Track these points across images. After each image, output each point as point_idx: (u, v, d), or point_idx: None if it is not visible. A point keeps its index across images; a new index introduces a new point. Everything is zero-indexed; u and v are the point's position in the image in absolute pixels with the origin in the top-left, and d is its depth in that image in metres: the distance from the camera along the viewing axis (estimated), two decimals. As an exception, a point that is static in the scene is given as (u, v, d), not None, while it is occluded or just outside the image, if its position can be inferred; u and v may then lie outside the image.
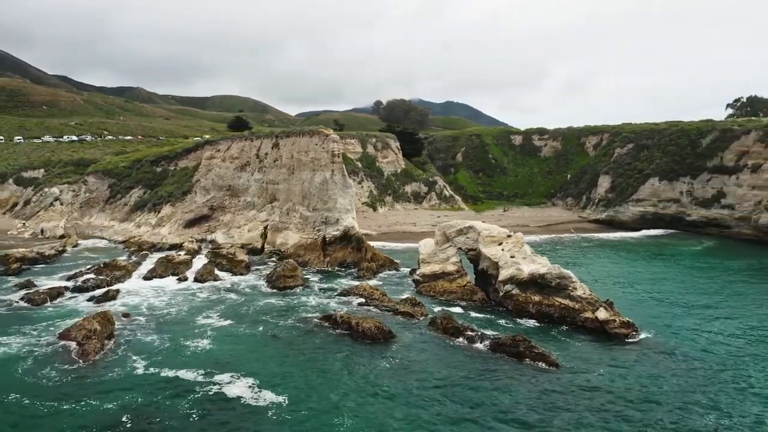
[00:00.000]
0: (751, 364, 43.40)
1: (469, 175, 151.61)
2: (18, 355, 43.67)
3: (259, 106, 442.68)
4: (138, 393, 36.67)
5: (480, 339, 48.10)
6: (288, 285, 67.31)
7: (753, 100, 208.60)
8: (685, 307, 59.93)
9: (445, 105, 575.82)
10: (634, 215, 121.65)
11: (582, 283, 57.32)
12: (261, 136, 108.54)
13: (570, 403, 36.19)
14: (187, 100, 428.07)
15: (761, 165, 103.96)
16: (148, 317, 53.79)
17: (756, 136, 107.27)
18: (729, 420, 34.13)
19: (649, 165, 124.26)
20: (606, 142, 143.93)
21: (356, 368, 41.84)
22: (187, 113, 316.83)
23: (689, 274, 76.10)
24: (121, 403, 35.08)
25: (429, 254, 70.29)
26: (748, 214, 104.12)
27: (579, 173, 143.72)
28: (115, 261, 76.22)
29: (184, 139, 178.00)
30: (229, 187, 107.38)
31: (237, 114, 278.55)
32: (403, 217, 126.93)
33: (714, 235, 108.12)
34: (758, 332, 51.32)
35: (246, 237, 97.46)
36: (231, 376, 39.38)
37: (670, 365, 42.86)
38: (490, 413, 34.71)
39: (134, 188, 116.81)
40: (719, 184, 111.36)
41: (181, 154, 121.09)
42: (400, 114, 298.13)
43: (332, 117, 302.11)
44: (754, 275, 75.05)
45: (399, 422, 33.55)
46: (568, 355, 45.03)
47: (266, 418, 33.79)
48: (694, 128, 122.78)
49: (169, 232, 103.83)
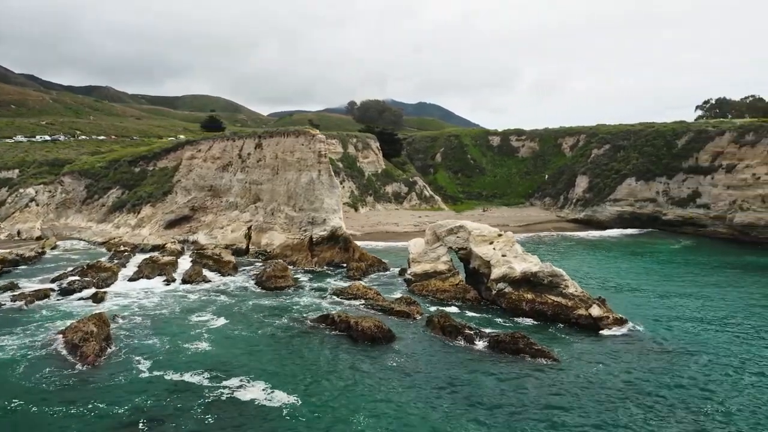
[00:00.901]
0: (738, 351, 45.47)
1: (448, 176, 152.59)
2: (13, 358, 42.76)
3: (231, 105, 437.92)
4: (148, 396, 36.13)
5: (479, 337, 48.48)
6: (279, 285, 66.96)
7: (722, 101, 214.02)
8: (671, 302, 61.47)
9: (418, 106, 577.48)
10: (611, 215, 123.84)
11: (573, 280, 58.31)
12: (243, 136, 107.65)
13: (574, 396, 36.88)
14: (157, 100, 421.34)
15: (735, 165, 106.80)
16: (142, 319, 52.99)
17: (730, 137, 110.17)
18: (724, 406, 35.53)
19: (625, 165, 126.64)
20: (583, 143, 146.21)
21: (363, 368, 41.90)
22: (158, 113, 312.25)
23: (671, 271, 77.83)
24: (132, 407, 34.53)
25: (419, 254, 70.60)
26: (724, 213, 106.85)
27: (556, 173, 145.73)
28: (99, 262, 74.90)
29: (158, 139, 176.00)
30: (210, 187, 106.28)
31: (210, 114, 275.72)
32: (384, 217, 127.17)
33: (690, 234, 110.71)
34: (740, 323, 53.40)
35: (229, 238, 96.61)
36: (240, 379, 39.07)
37: (664, 357, 44.02)
38: (500, 410, 35.11)
39: (112, 189, 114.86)
40: (695, 184, 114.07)
41: (159, 154, 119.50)
42: (375, 114, 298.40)
43: (306, 117, 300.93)
44: (733, 272, 77.07)
45: (413, 420, 33.71)
46: (567, 350, 45.78)
47: (283, 419, 33.64)
48: (669, 129, 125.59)
49: (149, 233, 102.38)
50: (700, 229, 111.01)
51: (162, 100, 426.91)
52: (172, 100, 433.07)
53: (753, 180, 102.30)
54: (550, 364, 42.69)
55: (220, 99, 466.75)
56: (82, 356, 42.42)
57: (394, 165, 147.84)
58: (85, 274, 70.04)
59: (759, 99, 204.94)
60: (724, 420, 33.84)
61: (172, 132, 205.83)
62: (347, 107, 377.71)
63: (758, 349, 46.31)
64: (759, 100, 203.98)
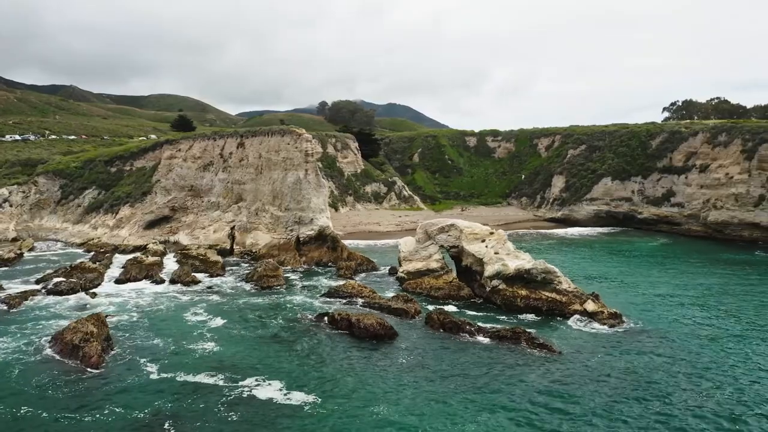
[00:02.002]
0: (724, 339, 48.08)
1: (426, 176, 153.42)
2: (9, 362, 41.45)
3: (199, 105, 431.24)
4: (165, 397, 35.73)
5: (480, 333, 49.13)
6: (271, 284, 66.62)
7: (688, 103, 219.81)
8: (658, 296, 63.31)
9: (388, 107, 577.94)
10: (588, 213, 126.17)
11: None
12: (225, 135, 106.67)
13: (580, 386, 37.90)
14: (123, 99, 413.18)
15: (709, 165, 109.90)
16: (139, 319, 52.19)
17: (703, 138, 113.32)
18: (719, 393, 37.19)
19: (601, 165, 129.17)
20: (558, 143, 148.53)
21: (372, 363, 42.17)
22: (125, 112, 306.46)
23: (653, 267, 79.82)
24: (152, 409, 34.04)
25: (410, 252, 71.01)
26: (697, 211, 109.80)
27: (533, 174, 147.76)
28: (83, 263, 73.38)
29: (128, 139, 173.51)
30: (191, 187, 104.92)
31: (180, 113, 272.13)
32: (365, 217, 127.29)
33: (665, 232, 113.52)
34: (724, 314, 56.04)
35: (212, 238, 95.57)
36: (256, 378, 38.82)
37: (658, 348, 45.57)
38: (508, 399, 35.92)
39: (88, 189, 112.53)
40: (669, 184, 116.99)
41: (137, 154, 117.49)
42: (346, 115, 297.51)
43: (277, 117, 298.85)
44: (711, 268, 79.47)
45: (428, 411, 34.13)
46: (566, 343, 46.71)
47: (307, 416, 33.73)
48: (643, 130, 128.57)
49: (129, 234, 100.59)
50: (674, 227, 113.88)
51: (128, 99, 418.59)
52: (138, 100, 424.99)
53: (726, 179, 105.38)
54: (552, 356, 43.56)
55: (188, 98, 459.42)
56: (85, 357, 41.55)
57: (373, 165, 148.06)
58: (70, 275, 68.54)
59: (724, 101, 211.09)
60: (720, 401, 35.85)
61: (141, 132, 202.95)
62: (318, 107, 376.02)
63: (743, 337, 48.96)
64: (724, 102, 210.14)
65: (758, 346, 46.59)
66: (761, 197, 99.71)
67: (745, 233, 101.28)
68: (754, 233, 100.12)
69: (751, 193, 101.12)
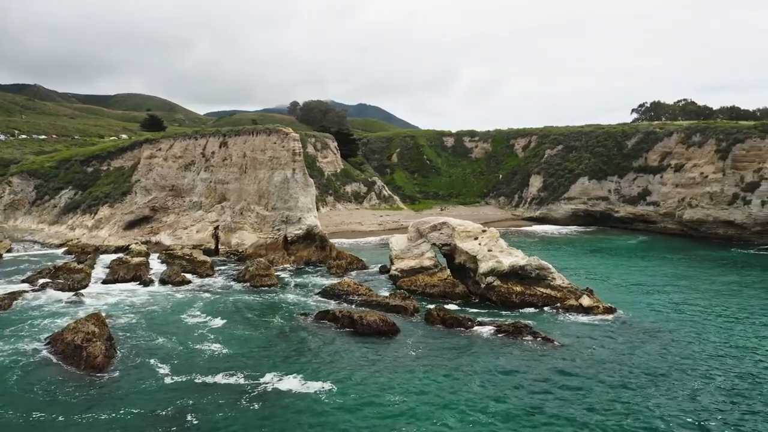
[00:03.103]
0: (711, 328, 50.74)
1: (405, 176, 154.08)
2: (8, 365, 40.30)
3: (167, 105, 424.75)
4: (184, 394, 35.59)
5: (481, 327, 49.79)
6: (264, 283, 66.25)
7: (656, 105, 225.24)
8: (645, 291, 65.35)
9: (358, 107, 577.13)
10: (566, 212, 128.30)
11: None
12: (206, 134, 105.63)
13: (585, 376, 39.09)
14: (88, 99, 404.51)
15: (684, 165, 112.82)
16: (137, 320, 51.37)
17: (678, 138, 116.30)
18: (710, 379, 39.08)
19: (578, 165, 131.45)
20: (534, 143, 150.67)
21: (381, 357, 42.71)
22: (92, 112, 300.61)
23: (636, 264, 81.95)
24: (173, 406, 33.88)
25: (402, 250, 71.35)
26: (673, 210, 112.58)
27: (510, 173, 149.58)
28: (67, 264, 71.95)
29: (99, 138, 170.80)
30: (172, 187, 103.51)
31: (150, 113, 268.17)
32: (346, 216, 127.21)
33: (642, 230, 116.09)
34: (708, 306, 58.44)
35: (195, 238, 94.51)
36: (270, 374, 38.86)
37: (655, 339, 47.28)
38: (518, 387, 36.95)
39: (64, 189, 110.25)
40: (644, 183, 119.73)
41: (114, 154, 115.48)
42: (318, 115, 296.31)
43: (247, 117, 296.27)
44: (690, 264, 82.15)
45: (442, 401, 34.85)
46: (567, 336, 47.75)
47: (325, 404, 34.42)
48: (619, 131, 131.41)
49: (109, 235, 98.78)
50: (650, 225, 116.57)
51: (94, 99, 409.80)
52: (104, 99, 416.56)
53: (701, 178, 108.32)
54: (556, 348, 44.62)
55: (155, 98, 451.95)
56: (89, 358, 40.76)
57: (352, 165, 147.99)
58: (56, 276, 67.12)
59: (691, 102, 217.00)
60: (717, 386, 37.83)
61: (111, 132, 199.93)
62: (290, 107, 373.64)
63: (728, 326, 51.58)
64: (691, 104, 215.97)
65: (746, 333, 49.35)
66: (735, 196, 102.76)
67: (720, 231, 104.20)
68: (728, 231, 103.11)
69: (726, 192, 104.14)
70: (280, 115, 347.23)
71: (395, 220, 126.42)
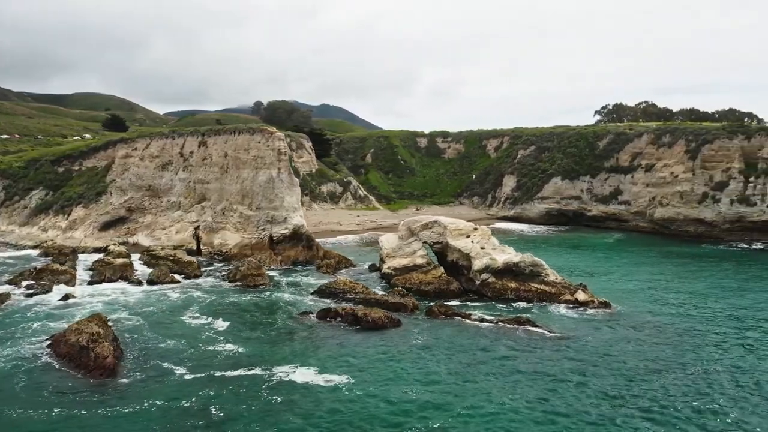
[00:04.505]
0: (699, 319, 52.92)
1: (380, 176, 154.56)
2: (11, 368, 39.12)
3: (125, 104, 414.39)
4: (203, 389, 35.55)
5: (482, 322, 50.62)
6: (257, 283, 65.68)
7: (618, 107, 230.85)
8: (628, 284, 67.81)
9: (321, 108, 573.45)
10: (540, 212, 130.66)
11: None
12: (184, 133, 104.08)
13: (589, 365, 40.48)
14: (45, 98, 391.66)
15: (654, 165, 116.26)
16: (137, 320, 50.41)
17: (648, 139, 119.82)
18: (708, 365, 40.95)
19: (551, 165, 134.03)
20: (506, 144, 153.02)
21: (390, 348, 43.86)
22: (51, 111, 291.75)
23: (615, 259, 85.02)
24: (195, 399, 33.85)
25: (393, 249, 71.69)
26: (644, 209, 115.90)
27: (483, 173, 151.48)
28: (50, 265, 69.98)
29: (62, 138, 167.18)
30: (149, 187, 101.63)
31: (111, 113, 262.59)
32: (323, 216, 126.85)
33: (614, 229, 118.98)
34: (691, 298, 61.18)
35: (176, 239, 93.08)
36: (287, 367, 39.13)
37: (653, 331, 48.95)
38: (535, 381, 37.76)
39: (34, 190, 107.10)
40: (616, 183, 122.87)
41: (87, 153, 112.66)
42: (283, 115, 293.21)
43: (210, 117, 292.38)
44: (668, 259, 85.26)
45: (456, 388, 35.82)
46: (566, 329, 49.13)
47: (344, 393, 35.20)
48: (590, 132, 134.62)
49: (84, 236, 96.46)
50: (622, 224, 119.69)
51: (50, 98, 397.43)
52: (61, 99, 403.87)
53: (671, 178, 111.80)
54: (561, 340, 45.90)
55: (113, 97, 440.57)
56: (98, 359, 39.83)
57: (326, 165, 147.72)
58: (40, 278, 65.29)
59: (651, 105, 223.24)
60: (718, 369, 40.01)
61: (73, 131, 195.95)
62: (254, 107, 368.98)
63: (715, 317, 53.81)
64: (651, 106, 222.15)
65: (729, 321, 52.39)
66: (705, 195, 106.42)
67: (690, 228, 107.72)
68: (699, 229, 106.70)
69: (695, 191, 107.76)
70: (245, 115, 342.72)
71: (373, 219, 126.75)
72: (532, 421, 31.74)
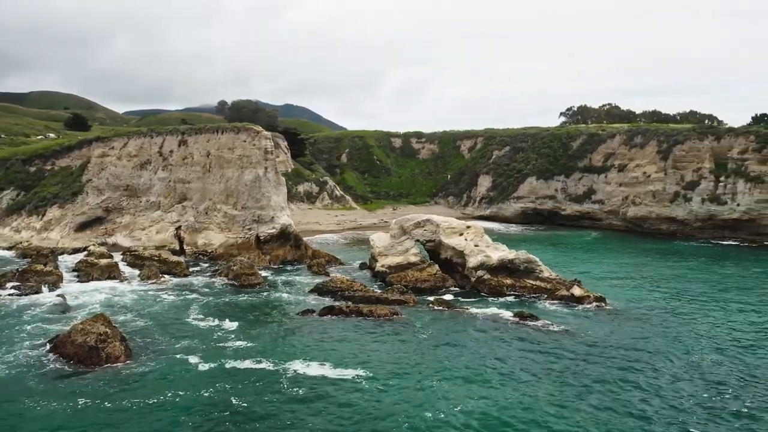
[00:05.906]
0: (694, 313, 54.58)
1: (356, 176, 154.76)
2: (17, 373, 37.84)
3: (84, 103, 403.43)
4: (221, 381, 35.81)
5: (485, 317, 51.50)
6: (252, 282, 65.20)
7: (583, 109, 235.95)
8: (613, 280, 69.75)
9: (285, 108, 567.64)
10: (516, 211, 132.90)
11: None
12: (163, 132, 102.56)
13: (593, 356, 41.57)
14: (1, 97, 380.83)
15: (627, 165, 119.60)
16: (138, 320, 49.47)
17: (620, 140, 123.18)
18: (715, 353, 42.33)
19: (526, 166, 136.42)
20: (480, 145, 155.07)
21: (400, 339, 44.86)
22: (8, 110, 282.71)
23: (596, 256, 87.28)
24: (218, 390, 34.24)
25: (386, 247, 72.09)
26: (617, 208, 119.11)
27: (457, 174, 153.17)
28: (33, 266, 68.09)
29: (26, 138, 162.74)
30: (127, 186, 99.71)
31: (72, 112, 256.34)
32: (301, 216, 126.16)
33: (588, 227, 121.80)
34: (676, 292, 63.38)
35: (157, 239, 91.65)
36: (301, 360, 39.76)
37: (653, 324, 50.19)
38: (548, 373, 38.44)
39: (5, 190, 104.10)
40: (590, 182, 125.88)
41: (60, 153, 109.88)
42: (248, 115, 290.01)
43: (173, 116, 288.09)
44: (645, 255, 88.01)
45: (468, 374, 37.38)
46: (566, 322, 50.23)
47: (365, 385, 35.76)
48: (564, 132, 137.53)
49: (60, 237, 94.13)
50: (596, 222, 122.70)
51: (6, 96, 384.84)
52: (18, 97, 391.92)
53: (644, 178, 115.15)
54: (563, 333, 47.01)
55: (72, 96, 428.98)
56: (110, 359, 39.29)
57: (301, 165, 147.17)
58: (25, 279, 63.58)
59: (615, 107, 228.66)
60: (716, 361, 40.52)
61: (35, 131, 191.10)
62: (218, 107, 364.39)
63: (704, 310, 55.46)
64: (615, 108, 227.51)
65: (717, 313, 54.45)
66: (676, 194, 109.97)
67: (663, 227, 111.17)
68: (671, 227, 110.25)
69: (667, 190, 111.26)
70: (208, 114, 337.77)
71: (352, 219, 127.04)
72: (551, 415, 32.43)
